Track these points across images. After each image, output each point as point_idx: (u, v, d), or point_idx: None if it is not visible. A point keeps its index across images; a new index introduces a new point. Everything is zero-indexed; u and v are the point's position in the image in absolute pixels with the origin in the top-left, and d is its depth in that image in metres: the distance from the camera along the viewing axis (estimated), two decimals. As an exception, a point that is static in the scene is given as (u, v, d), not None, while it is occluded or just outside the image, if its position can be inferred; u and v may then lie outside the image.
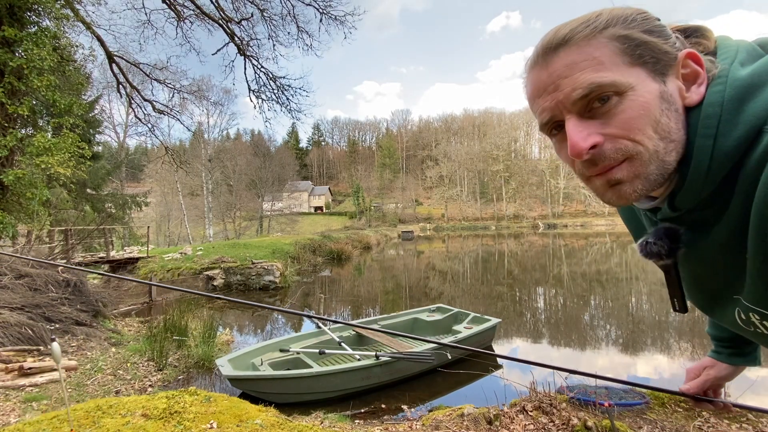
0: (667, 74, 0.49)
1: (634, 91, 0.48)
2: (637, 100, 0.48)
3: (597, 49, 0.48)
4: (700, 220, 0.53)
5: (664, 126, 0.48)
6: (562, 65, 0.49)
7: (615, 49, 0.48)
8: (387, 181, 73.86)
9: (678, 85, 0.50)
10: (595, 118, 0.49)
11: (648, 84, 0.48)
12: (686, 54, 0.49)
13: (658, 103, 0.48)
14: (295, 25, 12.43)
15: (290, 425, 2.80)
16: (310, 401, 4.54)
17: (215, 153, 39.17)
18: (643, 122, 0.48)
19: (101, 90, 20.31)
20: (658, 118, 0.48)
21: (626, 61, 0.48)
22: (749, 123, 0.45)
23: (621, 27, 0.49)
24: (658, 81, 0.49)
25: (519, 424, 3.08)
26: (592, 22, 0.49)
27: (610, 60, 0.48)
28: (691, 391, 0.82)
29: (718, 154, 0.47)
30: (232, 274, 13.05)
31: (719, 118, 0.47)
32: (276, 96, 13.40)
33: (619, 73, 0.48)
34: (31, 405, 3.73)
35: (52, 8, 8.09)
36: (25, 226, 8.85)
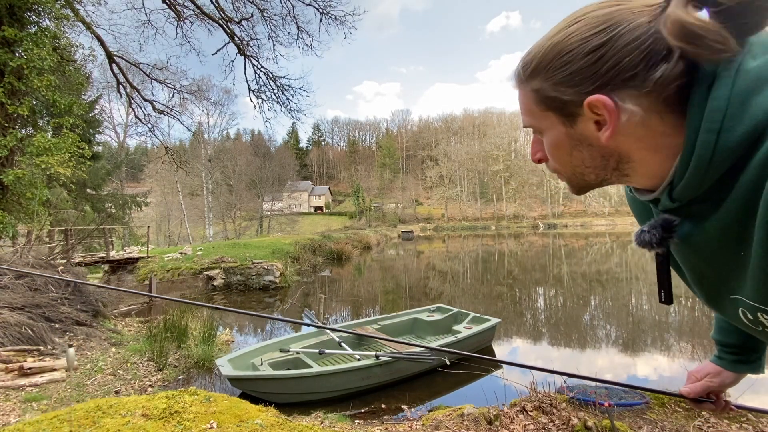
0: (577, 117, 0.55)
1: (547, 133, 0.60)
2: (550, 138, 0.59)
3: (524, 96, 0.60)
4: (698, 212, 0.54)
5: (576, 159, 0.59)
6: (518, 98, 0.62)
7: (534, 98, 0.58)
8: (387, 181, 73.88)
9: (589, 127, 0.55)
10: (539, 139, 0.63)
11: (556, 127, 0.58)
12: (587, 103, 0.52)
13: (567, 141, 0.57)
14: (295, 25, 12.45)
15: (290, 425, 2.80)
16: (310, 401, 4.54)
17: (215, 153, 39.19)
18: (557, 155, 0.60)
19: (101, 90, 20.34)
20: (569, 152, 0.58)
21: (541, 107, 0.58)
22: (756, 118, 0.45)
23: (538, 79, 0.56)
24: (567, 125, 0.56)
25: (519, 424, 3.08)
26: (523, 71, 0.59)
27: (530, 107, 0.60)
28: (690, 394, 0.83)
29: (721, 149, 0.47)
30: (232, 274, 13.05)
31: (724, 113, 0.47)
32: (276, 96, 13.41)
33: (537, 119, 0.59)
34: (31, 405, 3.73)
35: (52, 8, 8.09)
36: (25, 226, 8.85)
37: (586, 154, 0.57)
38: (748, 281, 0.50)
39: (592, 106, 0.52)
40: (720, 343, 0.83)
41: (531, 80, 0.57)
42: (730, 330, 0.82)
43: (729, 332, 0.82)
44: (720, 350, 0.83)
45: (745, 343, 0.79)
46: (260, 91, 13.32)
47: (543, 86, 0.56)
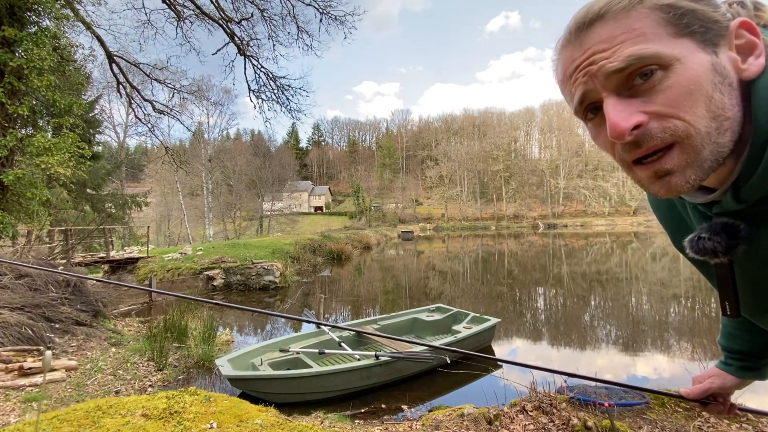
0: (719, 45, 0.44)
1: (682, 63, 0.42)
2: (685, 74, 0.42)
3: (637, 20, 0.43)
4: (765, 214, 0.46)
5: (718, 102, 0.42)
6: (598, 40, 0.44)
7: (658, 19, 0.42)
8: (387, 181, 73.88)
9: (732, 57, 0.44)
10: (636, 96, 0.44)
11: (697, 55, 0.42)
12: (740, 23, 0.44)
13: (710, 76, 0.42)
14: (295, 25, 12.44)
15: (290, 425, 2.80)
16: (310, 401, 4.54)
17: (215, 153, 39.19)
18: (694, 98, 0.42)
19: (101, 90, 20.35)
20: (710, 93, 0.42)
21: (671, 31, 0.42)
22: None
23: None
24: (709, 52, 0.43)
25: (519, 424, 3.08)
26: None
27: (653, 31, 0.42)
28: (690, 396, 0.82)
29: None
30: (232, 274, 13.05)
31: None
32: (276, 96, 13.40)
33: (663, 45, 0.42)
34: (31, 405, 3.73)
35: (52, 8, 8.09)
36: (25, 226, 8.85)
37: (727, 100, 0.43)
38: None
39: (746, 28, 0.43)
40: (726, 349, 0.81)
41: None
42: (737, 336, 0.78)
43: (736, 338, 0.78)
44: (726, 356, 0.81)
45: (752, 350, 0.76)
46: (260, 91, 13.33)
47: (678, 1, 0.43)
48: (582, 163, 62.07)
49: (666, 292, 11.43)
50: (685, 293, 11.19)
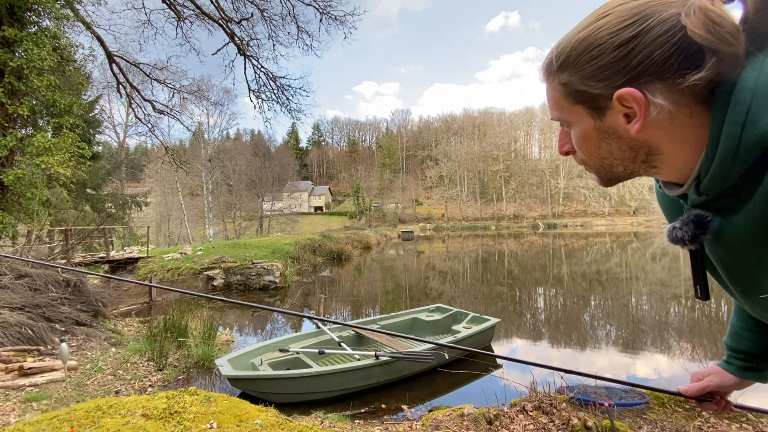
0: (606, 110, 0.55)
1: (575, 126, 0.60)
2: (578, 131, 0.60)
3: (553, 90, 0.60)
4: (726, 207, 0.53)
5: (604, 151, 0.59)
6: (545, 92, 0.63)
7: (562, 92, 0.58)
8: (387, 181, 73.89)
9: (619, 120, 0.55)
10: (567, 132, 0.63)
11: (584, 120, 0.58)
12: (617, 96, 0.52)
13: (595, 134, 0.58)
14: (295, 25, 12.45)
15: (290, 425, 2.80)
16: (310, 401, 4.55)
17: (215, 153, 39.20)
18: (585, 146, 0.60)
19: (101, 90, 20.32)
20: (597, 144, 0.58)
21: (570, 101, 0.58)
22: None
23: (567, 73, 0.56)
24: (595, 117, 0.57)
25: (519, 424, 3.08)
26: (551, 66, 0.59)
27: (559, 101, 0.60)
28: (688, 393, 0.84)
29: (746, 141, 0.47)
30: (232, 274, 13.05)
31: (749, 105, 0.46)
32: (276, 96, 13.42)
33: (566, 112, 0.60)
34: (31, 405, 3.73)
35: (52, 8, 8.09)
36: (25, 226, 8.86)
37: (615, 147, 0.57)
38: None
39: (622, 100, 0.52)
40: (731, 348, 0.83)
41: (560, 74, 0.57)
42: (743, 336, 0.81)
43: (742, 338, 0.81)
44: (729, 355, 0.83)
45: (756, 351, 0.79)
46: (260, 91, 13.34)
47: (572, 80, 0.56)
48: (582, 163, 61.98)
49: (666, 292, 11.44)
50: (685, 293, 11.19)
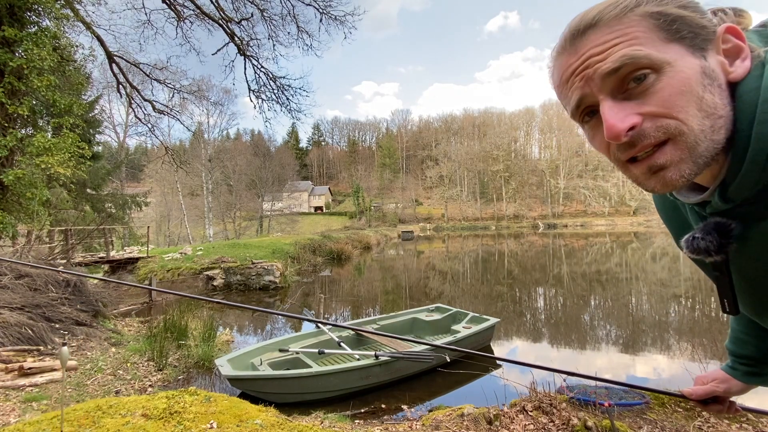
0: (707, 49, 0.46)
1: (673, 67, 0.45)
2: (676, 77, 0.44)
3: (630, 26, 0.46)
4: (755, 214, 0.48)
5: (709, 102, 0.45)
6: (593, 45, 0.47)
7: (649, 26, 0.45)
8: (387, 181, 73.87)
9: (720, 60, 0.47)
10: (631, 99, 0.46)
11: (687, 59, 0.45)
12: (726, 28, 0.47)
13: (700, 78, 0.45)
14: (295, 25, 12.44)
15: (290, 425, 2.81)
16: (309, 401, 4.54)
17: (215, 153, 39.17)
18: (685, 99, 0.44)
19: (101, 90, 20.31)
20: (701, 94, 0.45)
21: (662, 36, 0.45)
22: None
23: (653, 4, 0.46)
24: (698, 56, 0.46)
25: (519, 424, 3.09)
26: (621, 1, 0.47)
27: (645, 35, 0.45)
28: (693, 396, 0.81)
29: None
30: (232, 274, 13.05)
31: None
32: (276, 96, 13.41)
33: (655, 49, 0.45)
34: (31, 405, 3.73)
35: (52, 8, 8.09)
36: (25, 226, 8.86)
37: (719, 100, 0.46)
38: None
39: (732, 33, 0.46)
40: (734, 354, 0.80)
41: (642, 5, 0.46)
42: (746, 342, 0.77)
43: (745, 343, 0.78)
44: (733, 361, 0.80)
45: (759, 355, 0.76)
46: (260, 91, 13.33)
47: (666, 8, 0.46)
48: (582, 163, 62.05)
49: (666, 292, 11.43)
50: (685, 293, 11.18)
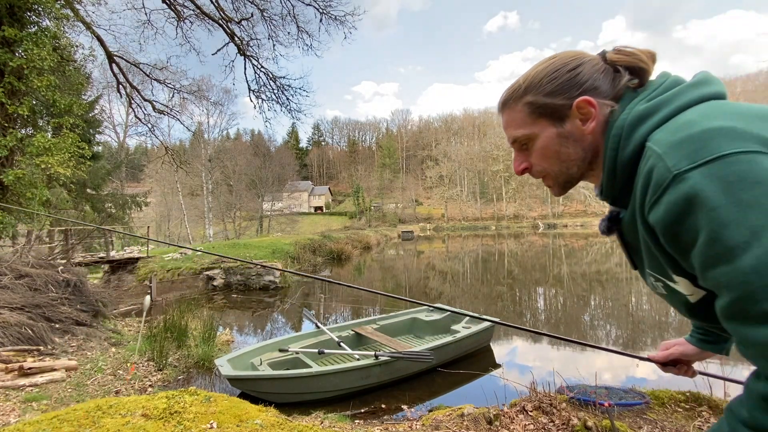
0: (565, 118, 0.71)
1: (538, 137, 0.74)
2: (540, 143, 0.74)
3: (516, 113, 0.75)
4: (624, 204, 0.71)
5: (564, 153, 0.73)
6: (504, 121, 0.78)
7: (526, 111, 0.73)
8: (387, 181, 73.83)
9: (577, 123, 0.71)
10: (524, 152, 0.77)
11: (548, 130, 0.73)
12: (577, 103, 0.70)
13: (557, 140, 0.73)
14: (295, 25, 12.45)
15: (290, 425, 2.81)
16: (309, 401, 4.54)
17: (215, 153, 39.17)
18: (546, 155, 0.74)
19: (101, 90, 20.29)
20: (557, 149, 0.73)
21: (533, 117, 0.73)
22: (637, 140, 0.65)
23: (531, 95, 0.73)
24: (557, 125, 0.72)
25: (519, 424, 3.09)
26: (515, 92, 0.75)
27: (523, 120, 0.74)
28: (655, 359, 1.02)
29: (620, 162, 0.68)
30: (232, 274, 13.05)
31: (620, 138, 0.67)
32: (276, 96, 13.42)
33: (528, 128, 0.74)
34: (31, 405, 3.73)
35: (52, 8, 8.09)
36: (25, 226, 8.85)
37: (572, 150, 0.73)
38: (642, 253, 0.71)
39: (580, 106, 0.70)
40: (694, 324, 0.96)
41: (525, 96, 0.73)
42: None
43: None
44: (692, 329, 0.98)
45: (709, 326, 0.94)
46: (260, 91, 13.33)
47: (536, 99, 0.72)
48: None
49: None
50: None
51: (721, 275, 0.54)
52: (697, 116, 0.60)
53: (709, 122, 0.57)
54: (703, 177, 0.53)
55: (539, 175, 0.78)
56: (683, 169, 0.55)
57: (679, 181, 0.55)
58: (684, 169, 0.55)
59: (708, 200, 0.53)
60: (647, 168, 0.60)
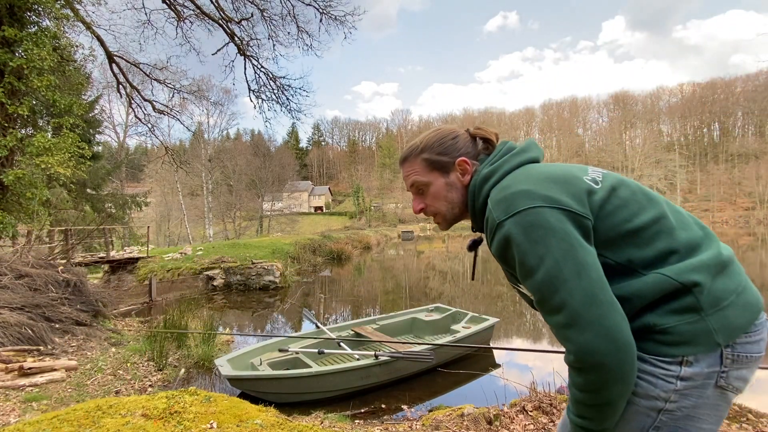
0: (450, 171, 1.00)
1: (432, 184, 1.01)
2: (433, 189, 1.01)
3: (416, 164, 1.02)
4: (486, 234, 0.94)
5: (450, 198, 1.01)
6: (405, 170, 1.04)
7: (423, 164, 1.01)
8: (387, 181, 73.80)
9: (457, 175, 1.00)
10: (422, 195, 1.04)
11: (438, 179, 1.01)
12: (457, 162, 0.99)
13: (445, 187, 1.00)
14: (295, 25, 12.44)
15: (290, 425, 2.80)
16: (309, 401, 4.54)
17: (215, 153, 39.17)
18: (439, 197, 1.02)
19: (101, 90, 20.29)
20: (446, 194, 1.01)
21: (428, 169, 1.01)
22: (484, 194, 0.94)
23: (426, 153, 1.01)
24: (444, 176, 1.00)
25: (519, 424, 3.08)
26: (414, 150, 1.02)
27: (422, 170, 1.01)
28: None
29: (476, 209, 0.98)
30: (232, 274, 13.05)
31: (474, 192, 0.97)
32: (276, 96, 13.39)
33: (425, 176, 1.01)
34: (31, 405, 3.73)
35: (52, 8, 8.09)
36: (25, 226, 8.85)
37: (455, 195, 1.01)
38: None
39: (460, 163, 0.99)
40: None
41: (422, 154, 1.01)
42: None
43: None
44: None
45: None
46: (260, 91, 13.31)
47: (431, 156, 1.00)
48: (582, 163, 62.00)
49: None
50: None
51: (529, 285, 0.82)
52: (510, 182, 0.89)
53: (516, 186, 0.86)
54: (512, 225, 0.82)
55: (432, 214, 1.04)
56: (502, 219, 0.83)
57: (501, 227, 0.84)
58: (502, 219, 0.83)
59: (515, 239, 0.81)
60: (487, 216, 0.89)
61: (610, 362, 0.74)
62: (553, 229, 0.78)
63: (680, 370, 0.78)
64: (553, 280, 0.77)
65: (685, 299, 0.79)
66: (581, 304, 0.75)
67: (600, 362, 0.74)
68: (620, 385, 0.76)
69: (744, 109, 68.32)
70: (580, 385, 0.80)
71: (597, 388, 0.77)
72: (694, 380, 0.78)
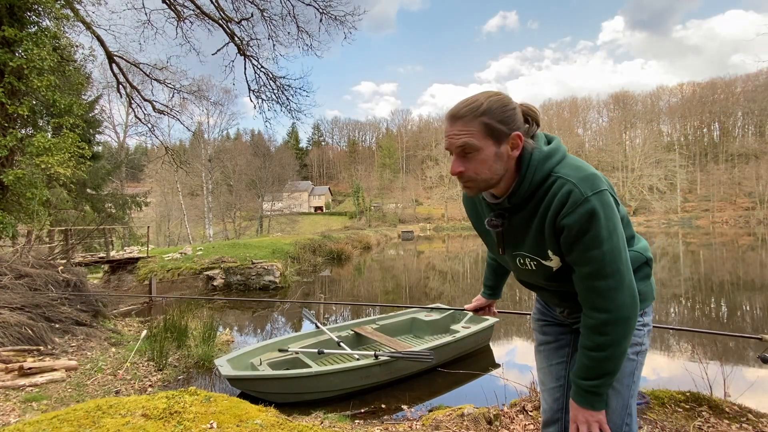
0: (503, 142, 0.99)
1: (482, 151, 0.99)
2: (481, 156, 0.99)
3: (473, 126, 0.98)
4: (516, 209, 1.07)
5: (494, 169, 1.01)
6: (457, 128, 0.99)
7: (480, 128, 0.97)
8: (387, 181, 73.84)
9: (507, 148, 1.00)
10: (463, 158, 1.01)
11: (490, 147, 0.99)
12: (514, 135, 0.99)
13: (493, 157, 0.99)
14: (295, 25, 12.44)
15: (290, 425, 2.80)
16: (309, 401, 4.54)
17: (215, 153, 39.14)
18: (483, 166, 1.00)
19: (101, 90, 20.25)
20: (491, 164, 1.00)
21: (484, 134, 0.98)
22: (545, 170, 1.01)
23: (486, 117, 0.97)
24: (496, 146, 0.99)
25: (519, 424, 3.08)
26: (475, 109, 0.98)
27: (477, 133, 0.98)
28: (468, 308, 1.70)
29: (533, 181, 1.02)
30: (232, 274, 13.05)
31: (536, 167, 1.01)
32: (276, 96, 13.39)
33: (478, 141, 0.98)
34: (31, 405, 3.73)
35: (52, 8, 8.09)
36: (25, 226, 8.85)
37: (499, 166, 1.01)
38: (527, 241, 1.08)
39: (516, 137, 1.00)
40: (484, 285, 1.63)
41: (482, 116, 0.97)
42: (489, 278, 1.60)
43: (488, 279, 1.60)
44: (484, 289, 1.64)
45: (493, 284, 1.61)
46: (260, 91, 13.31)
47: (491, 122, 0.98)
48: (582, 163, 61.98)
49: (666, 292, 11.43)
50: (685, 293, 11.19)
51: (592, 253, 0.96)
52: (581, 164, 1.01)
53: (590, 169, 0.99)
54: (597, 201, 0.94)
55: (468, 179, 1.02)
56: (588, 195, 0.94)
57: (588, 202, 0.94)
58: (589, 195, 0.94)
59: (598, 213, 0.94)
60: (566, 190, 0.96)
61: (633, 315, 0.98)
62: (614, 210, 0.97)
63: (643, 319, 1.14)
64: (615, 251, 0.96)
65: (646, 269, 1.17)
66: (628, 270, 0.98)
67: (628, 316, 0.97)
68: (630, 334, 1.00)
69: (744, 109, 68.27)
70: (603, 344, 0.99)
71: (619, 339, 0.98)
72: (649, 325, 1.16)
